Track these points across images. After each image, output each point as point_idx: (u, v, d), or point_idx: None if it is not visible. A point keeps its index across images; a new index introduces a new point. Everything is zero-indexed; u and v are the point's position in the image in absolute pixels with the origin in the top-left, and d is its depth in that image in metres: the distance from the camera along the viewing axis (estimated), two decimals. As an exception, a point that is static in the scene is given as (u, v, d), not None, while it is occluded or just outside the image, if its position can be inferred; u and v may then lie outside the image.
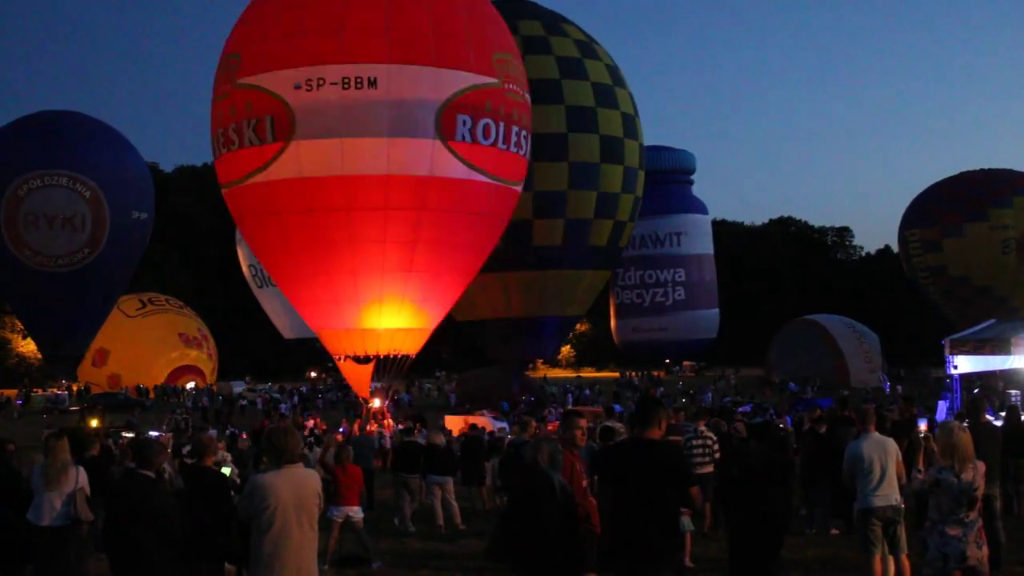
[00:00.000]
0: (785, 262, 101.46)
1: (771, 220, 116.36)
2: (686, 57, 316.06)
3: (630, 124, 39.91)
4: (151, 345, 60.07)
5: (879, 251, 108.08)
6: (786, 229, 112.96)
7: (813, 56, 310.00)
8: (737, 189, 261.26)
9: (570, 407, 38.46)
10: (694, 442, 14.59)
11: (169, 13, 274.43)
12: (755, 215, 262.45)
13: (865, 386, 52.36)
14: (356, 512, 13.23)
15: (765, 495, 8.41)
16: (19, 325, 56.78)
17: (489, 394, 45.50)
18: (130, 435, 28.68)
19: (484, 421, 29.92)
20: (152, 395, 57.22)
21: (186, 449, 18.08)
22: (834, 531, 14.04)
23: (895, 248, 66.06)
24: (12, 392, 55.92)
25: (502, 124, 27.93)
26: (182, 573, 7.01)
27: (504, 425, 30.62)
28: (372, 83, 26.18)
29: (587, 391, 56.93)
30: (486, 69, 27.63)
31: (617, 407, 30.25)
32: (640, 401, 8.56)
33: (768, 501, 8.38)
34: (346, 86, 26.11)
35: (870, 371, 55.43)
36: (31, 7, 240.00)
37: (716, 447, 14.53)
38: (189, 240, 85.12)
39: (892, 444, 9.66)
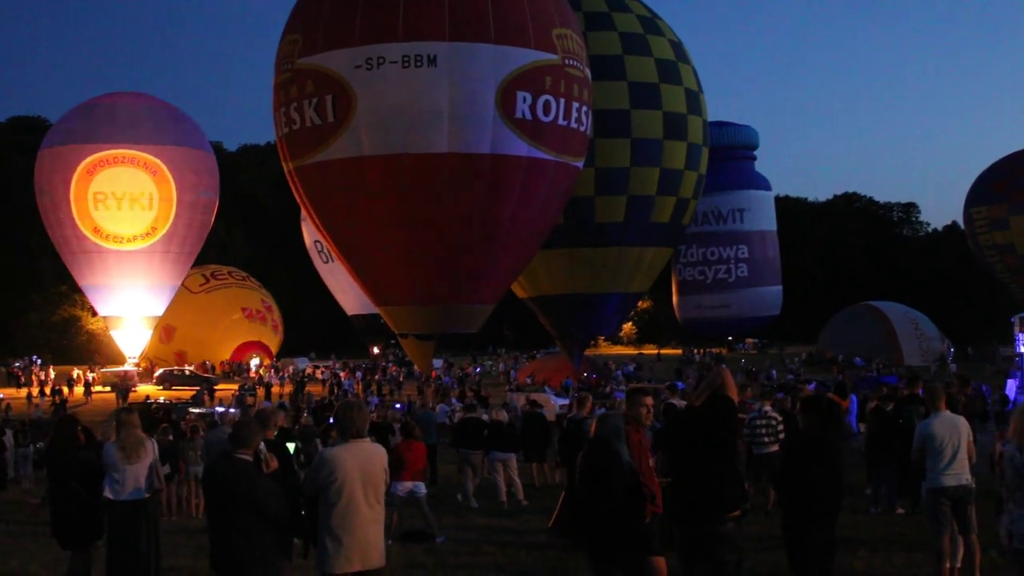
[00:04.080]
0: (850, 239, 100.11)
1: (835, 196, 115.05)
2: (749, 32, 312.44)
3: (694, 100, 39.50)
4: (215, 321, 60.83)
5: (946, 227, 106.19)
6: (851, 205, 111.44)
7: (878, 28, 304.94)
8: (801, 165, 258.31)
9: (634, 384, 38.37)
10: (758, 421, 14.49)
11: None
12: (819, 191, 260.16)
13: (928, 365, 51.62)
14: (420, 488, 13.33)
15: (807, 475, 8.32)
16: (88, 303, 57.78)
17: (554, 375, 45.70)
18: (197, 410, 29.19)
19: (545, 398, 30.01)
20: (218, 371, 58.03)
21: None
22: (900, 511, 13.86)
23: (963, 224, 64.95)
24: (83, 369, 57.01)
25: (562, 100, 27.81)
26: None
27: (566, 402, 30.68)
28: (432, 61, 26.19)
29: (630, 367, 56.54)
30: (546, 45, 27.50)
31: (680, 384, 30.15)
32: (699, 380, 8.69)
33: (809, 481, 8.29)
34: (406, 64, 26.15)
35: (922, 359, 54.59)
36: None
37: (781, 427, 14.42)
38: (253, 218, 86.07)
39: (964, 423, 9.50)
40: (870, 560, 10.78)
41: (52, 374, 53.16)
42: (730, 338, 71.51)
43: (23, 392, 46.73)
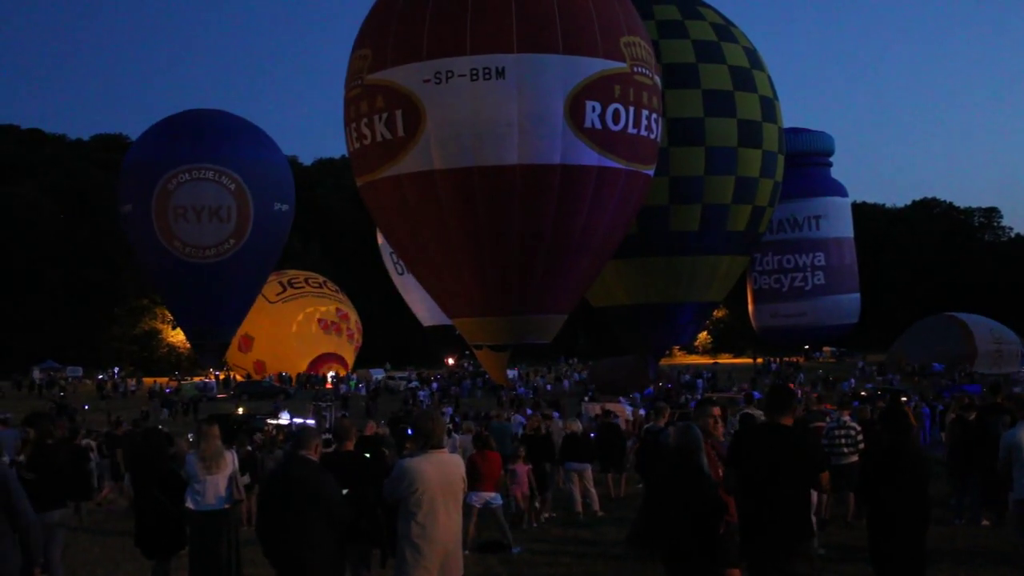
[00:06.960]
0: (929, 245, 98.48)
1: (914, 202, 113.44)
2: (824, 37, 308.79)
3: (768, 107, 39.08)
4: (292, 332, 61.49)
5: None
6: (930, 211, 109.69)
7: (954, 32, 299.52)
8: (878, 170, 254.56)
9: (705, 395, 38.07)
10: (837, 432, 14.29)
11: (305, 13, 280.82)
12: (897, 197, 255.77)
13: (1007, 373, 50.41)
14: (496, 498, 13.35)
15: (884, 490, 8.20)
16: (169, 315, 58.89)
17: (623, 382, 45.46)
18: (275, 422, 29.55)
19: (620, 408, 29.89)
20: (294, 383, 58.67)
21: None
22: (985, 522, 13.57)
23: (1047, 229, 63.45)
24: (163, 381, 58.12)
25: (631, 108, 27.69)
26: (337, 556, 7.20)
27: (643, 412, 30.52)
28: (500, 73, 26.23)
29: (686, 376, 55.58)
30: (614, 54, 27.41)
31: (756, 394, 29.88)
32: (772, 388, 8.52)
33: (888, 497, 8.16)
34: (474, 77, 26.21)
35: (990, 368, 53.20)
36: (182, 18, 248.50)
37: (860, 437, 14.21)
38: (328, 230, 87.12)
39: (1052, 433, 9.28)
40: (954, 573, 10.59)
41: (132, 386, 54.29)
42: (807, 347, 70.54)
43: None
